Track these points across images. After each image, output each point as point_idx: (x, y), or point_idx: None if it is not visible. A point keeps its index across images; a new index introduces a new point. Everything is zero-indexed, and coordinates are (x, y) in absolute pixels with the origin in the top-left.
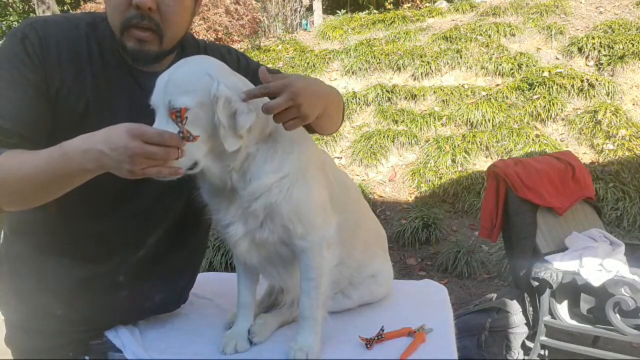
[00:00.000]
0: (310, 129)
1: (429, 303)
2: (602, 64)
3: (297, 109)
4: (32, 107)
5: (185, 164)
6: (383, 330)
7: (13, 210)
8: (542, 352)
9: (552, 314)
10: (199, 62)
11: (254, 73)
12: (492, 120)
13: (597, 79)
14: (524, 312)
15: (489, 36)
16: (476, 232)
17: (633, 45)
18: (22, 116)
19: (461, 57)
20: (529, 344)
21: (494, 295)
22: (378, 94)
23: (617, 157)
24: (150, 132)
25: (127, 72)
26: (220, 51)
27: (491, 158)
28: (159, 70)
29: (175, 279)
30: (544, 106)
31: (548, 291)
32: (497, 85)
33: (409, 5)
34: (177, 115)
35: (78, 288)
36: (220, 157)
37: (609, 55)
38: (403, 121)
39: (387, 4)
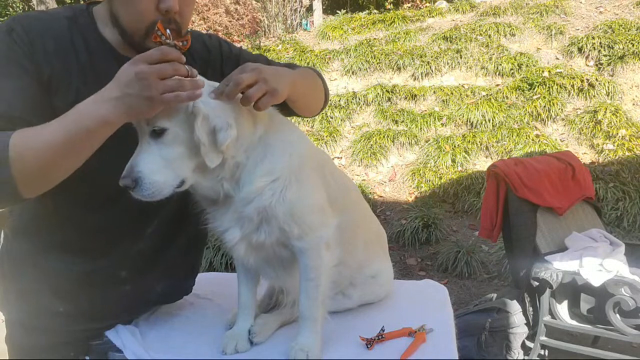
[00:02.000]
0: (289, 111)
1: (430, 303)
2: (602, 64)
3: (264, 82)
4: (30, 93)
5: (172, 182)
6: (383, 330)
7: (27, 199)
8: (542, 352)
9: (552, 314)
10: None
11: (236, 58)
12: (492, 120)
13: (597, 79)
14: (524, 312)
15: (489, 36)
16: (476, 232)
17: (633, 45)
18: (25, 102)
19: (461, 57)
20: (529, 344)
21: (494, 295)
22: (378, 94)
23: (617, 157)
24: (149, 52)
25: (113, 60)
26: (202, 38)
27: (491, 158)
28: None
29: (176, 269)
30: (544, 106)
31: (548, 291)
32: (497, 85)
33: (409, 5)
34: (159, 35)
35: (80, 283)
36: (209, 170)
37: (609, 55)
38: (403, 121)
39: (387, 4)
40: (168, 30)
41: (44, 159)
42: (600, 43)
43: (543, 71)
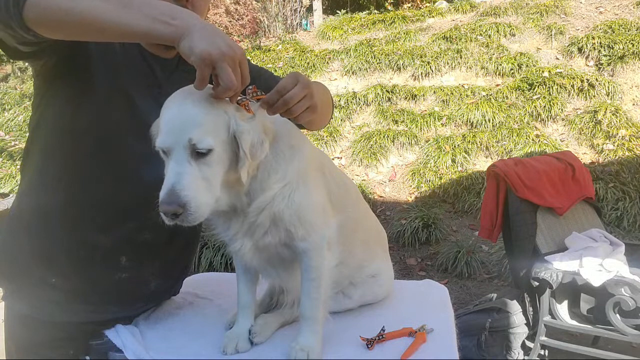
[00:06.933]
0: (300, 125)
1: (430, 303)
2: (602, 64)
3: (310, 97)
4: None
5: (211, 203)
6: (384, 331)
7: (27, 28)
8: (542, 352)
9: (552, 314)
10: (208, 97)
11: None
12: (492, 120)
13: (597, 79)
14: (524, 312)
15: (489, 36)
16: (476, 232)
17: (633, 45)
18: None
19: (461, 57)
20: (529, 344)
21: (494, 295)
22: (378, 94)
23: (617, 157)
24: (245, 59)
25: (138, 54)
26: None
27: (491, 158)
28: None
29: (171, 268)
30: (544, 106)
31: (548, 291)
32: (497, 85)
33: (409, 5)
34: (250, 91)
35: (79, 257)
36: (230, 186)
37: (609, 55)
38: (403, 121)
39: (387, 4)
40: (252, 91)
41: (57, 6)
42: (600, 43)
43: (543, 71)
